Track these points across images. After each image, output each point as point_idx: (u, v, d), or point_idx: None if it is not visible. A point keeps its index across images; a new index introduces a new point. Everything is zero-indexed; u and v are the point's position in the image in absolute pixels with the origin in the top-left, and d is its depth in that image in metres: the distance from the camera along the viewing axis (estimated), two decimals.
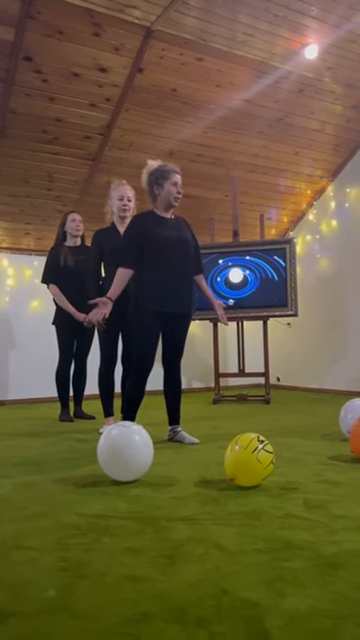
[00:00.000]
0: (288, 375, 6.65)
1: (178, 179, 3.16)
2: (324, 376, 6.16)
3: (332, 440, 3.13)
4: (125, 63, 4.27)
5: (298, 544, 1.45)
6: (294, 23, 4.12)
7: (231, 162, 5.52)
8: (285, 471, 2.31)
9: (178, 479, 2.25)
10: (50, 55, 4.05)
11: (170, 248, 3.10)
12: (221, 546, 1.46)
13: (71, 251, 4.38)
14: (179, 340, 3.26)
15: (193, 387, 6.63)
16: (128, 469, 2.16)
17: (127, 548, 1.47)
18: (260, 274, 5.44)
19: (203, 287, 3.40)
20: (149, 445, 2.22)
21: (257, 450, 2.03)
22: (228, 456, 2.09)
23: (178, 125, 4.93)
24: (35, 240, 5.71)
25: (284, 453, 2.73)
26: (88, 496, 2.02)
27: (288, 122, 5.27)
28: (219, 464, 2.48)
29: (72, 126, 4.62)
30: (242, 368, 5.65)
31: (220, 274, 5.54)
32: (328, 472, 2.31)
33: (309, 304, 6.04)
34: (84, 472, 2.44)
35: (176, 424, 3.29)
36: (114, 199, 3.68)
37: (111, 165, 5.07)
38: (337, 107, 5.26)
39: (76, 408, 4.52)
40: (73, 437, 3.48)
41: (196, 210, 5.92)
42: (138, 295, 3.13)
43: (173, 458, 2.71)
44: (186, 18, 3.99)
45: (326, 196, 6.22)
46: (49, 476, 2.38)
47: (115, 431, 2.21)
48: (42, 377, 5.25)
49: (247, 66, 4.57)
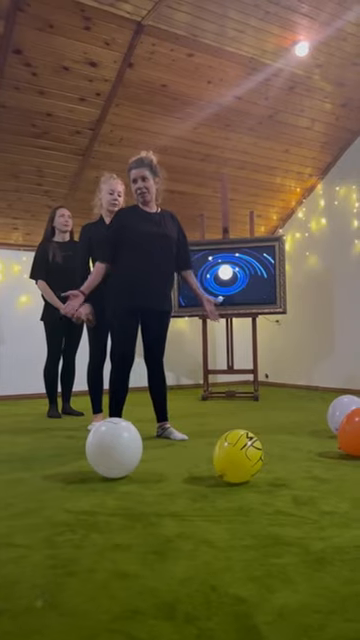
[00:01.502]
0: (276, 372, 6.67)
1: (137, 174, 3.07)
2: (312, 373, 6.19)
3: (320, 437, 3.15)
4: (115, 58, 4.24)
5: (287, 540, 1.46)
6: (284, 20, 4.12)
7: (221, 159, 5.51)
8: (274, 468, 2.32)
9: (167, 475, 2.25)
10: (40, 48, 4.01)
11: (150, 243, 3.07)
12: (210, 542, 1.47)
13: (60, 247, 4.36)
14: (159, 337, 3.23)
15: (182, 384, 6.64)
16: (117, 466, 2.16)
17: (116, 544, 1.47)
18: (249, 271, 5.45)
19: (191, 283, 3.35)
20: (138, 441, 2.22)
21: (246, 447, 2.03)
22: (217, 453, 2.09)
23: (168, 121, 4.91)
24: (24, 235, 5.67)
25: (273, 450, 2.75)
26: (77, 493, 2.02)
27: (278, 119, 5.27)
28: (208, 460, 2.49)
29: (62, 120, 4.59)
30: (231, 365, 5.66)
31: (210, 271, 5.54)
32: (316, 469, 2.32)
33: (298, 301, 6.07)
34: (73, 468, 2.43)
35: (164, 421, 3.29)
36: (104, 192, 3.64)
37: (101, 160, 5.04)
38: (327, 105, 5.27)
39: (64, 404, 4.50)
40: (61, 434, 3.47)
41: (186, 206, 5.91)
42: (115, 290, 3.11)
43: (162, 454, 2.71)
44: (177, 13, 3.97)
45: (315, 194, 6.24)
46: (37, 473, 2.37)
47: (104, 427, 2.21)
48: (30, 373, 5.22)
49: (238, 62, 4.57)
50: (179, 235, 3.23)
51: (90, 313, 3.61)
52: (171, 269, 3.23)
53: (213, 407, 4.82)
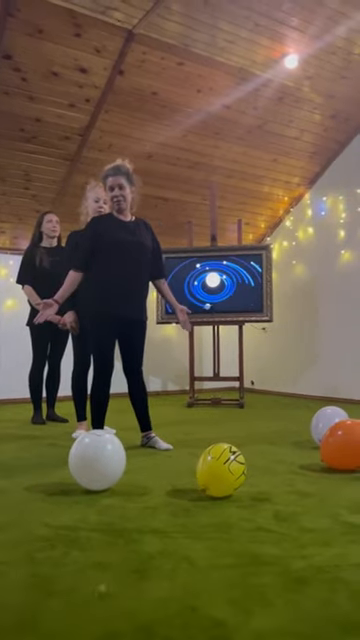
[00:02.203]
0: (262, 379, 6.70)
1: (113, 182, 3.07)
2: (297, 381, 6.23)
3: (303, 448, 3.16)
4: (106, 65, 4.25)
5: (267, 559, 1.47)
6: (274, 32, 4.15)
7: (210, 167, 5.53)
8: (256, 481, 2.33)
9: (150, 488, 2.25)
10: (30, 54, 4.00)
11: (125, 252, 3.06)
12: (191, 560, 1.47)
13: (47, 252, 4.34)
14: (137, 346, 3.21)
15: (168, 390, 6.63)
16: (99, 478, 2.15)
17: (97, 562, 1.46)
18: (237, 279, 5.48)
19: (165, 291, 3.36)
20: (121, 454, 2.21)
21: (229, 461, 2.04)
22: (200, 466, 2.10)
23: (158, 128, 4.92)
24: (11, 239, 5.64)
25: (256, 461, 2.75)
26: (58, 505, 2.01)
27: (267, 129, 5.31)
28: (191, 472, 2.48)
29: (51, 126, 4.57)
30: (217, 372, 5.68)
31: (197, 278, 5.55)
32: (299, 482, 2.34)
33: (284, 309, 6.11)
34: (55, 479, 2.42)
35: (148, 430, 3.28)
36: (90, 200, 3.64)
37: (89, 166, 5.02)
38: (316, 116, 5.32)
39: (49, 410, 4.48)
40: (45, 442, 3.45)
41: (174, 213, 5.93)
42: (91, 299, 3.10)
43: (145, 465, 2.71)
44: (168, 23, 3.98)
45: (303, 203, 6.29)
46: (19, 483, 2.35)
47: (87, 440, 2.20)
48: (15, 378, 5.18)
49: (227, 72, 4.59)
50: (153, 244, 3.24)
51: (74, 321, 3.61)
52: (146, 278, 3.23)
53: (198, 414, 4.83)
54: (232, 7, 3.84)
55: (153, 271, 3.27)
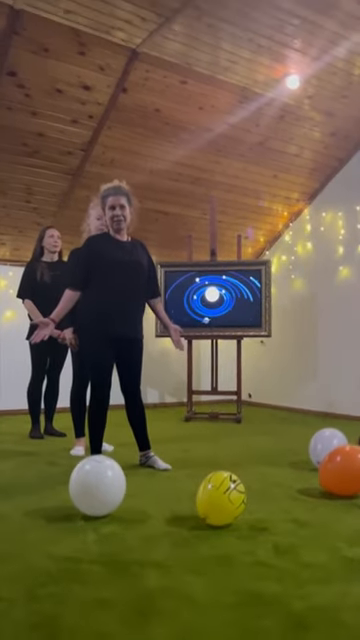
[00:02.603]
0: (259, 392, 6.72)
1: (116, 201, 3.07)
2: (294, 395, 6.24)
3: (301, 469, 3.18)
4: (109, 82, 4.28)
5: (267, 598, 1.48)
6: (277, 53, 4.19)
7: (211, 182, 5.56)
8: (254, 507, 2.34)
9: (149, 514, 2.26)
10: (34, 71, 4.03)
11: (122, 271, 3.08)
12: (191, 598, 1.48)
13: (48, 266, 4.35)
14: (134, 366, 3.22)
15: (166, 402, 6.64)
16: (100, 505, 2.16)
17: (99, 600, 1.47)
18: (236, 294, 5.51)
19: (159, 311, 3.39)
20: (121, 481, 2.22)
21: (229, 490, 2.05)
22: (200, 495, 2.11)
23: (160, 144, 4.95)
24: (11, 250, 5.65)
25: (254, 484, 2.76)
26: (59, 533, 2.01)
27: (268, 146, 5.35)
28: (190, 497, 2.49)
29: (53, 141, 4.60)
30: (215, 386, 5.69)
31: (197, 292, 5.58)
32: (297, 509, 2.35)
33: (282, 323, 6.12)
34: (55, 502, 2.43)
35: (147, 449, 3.29)
36: (92, 217, 3.64)
37: (91, 180, 5.03)
38: (316, 134, 5.36)
39: (47, 424, 4.48)
40: (43, 459, 3.45)
41: (174, 227, 5.96)
42: (88, 319, 3.11)
43: (144, 487, 2.71)
44: (171, 43, 4.02)
45: (302, 219, 6.33)
46: (19, 506, 2.36)
47: (88, 466, 2.21)
48: (13, 389, 5.19)
49: (230, 91, 4.63)
50: (148, 264, 3.26)
51: (73, 337, 3.62)
52: (142, 297, 3.25)
53: (196, 429, 4.84)
54: (235, 29, 3.88)
55: (148, 291, 3.30)
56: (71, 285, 3.09)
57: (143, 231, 5.13)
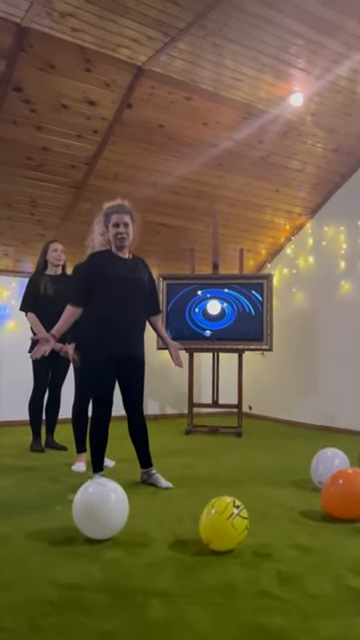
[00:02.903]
0: (260, 404, 6.72)
1: (120, 219, 3.09)
2: (295, 408, 6.24)
3: (303, 489, 3.17)
4: (114, 98, 4.31)
5: (273, 632, 1.48)
6: (281, 72, 4.22)
7: (214, 196, 5.59)
8: (257, 530, 2.33)
9: (152, 537, 2.25)
10: (40, 87, 4.06)
11: (123, 288, 3.09)
12: (197, 631, 1.48)
13: (51, 280, 4.36)
14: (136, 384, 3.22)
15: (166, 413, 6.63)
16: (102, 529, 2.16)
17: (103, 632, 1.47)
18: (237, 307, 5.52)
19: (158, 328, 3.40)
20: (124, 504, 2.22)
21: (232, 516, 2.05)
22: (204, 520, 2.11)
23: (163, 159, 4.98)
24: (14, 262, 5.66)
25: (256, 505, 2.76)
26: (62, 558, 2.01)
27: (271, 161, 5.38)
28: (192, 518, 2.50)
29: (58, 155, 4.62)
30: (216, 399, 5.69)
31: (198, 305, 5.59)
32: (300, 533, 2.35)
33: (283, 336, 6.12)
34: (57, 523, 2.42)
35: (149, 466, 3.29)
36: (96, 233, 3.65)
37: (95, 193, 5.07)
38: (318, 149, 5.39)
39: (48, 437, 4.48)
40: (44, 475, 3.44)
41: (177, 239, 5.98)
42: (88, 336, 3.12)
43: (146, 508, 2.71)
44: (177, 60, 4.05)
45: (304, 232, 6.35)
46: (20, 527, 2.36)
47: (91, 489, 2.21)
48: (15, 400, 5.17)
49: (234, 107, 4.66)
50: (149, 281, 3.28)
51: (76, 353, 3.62)
52: (144, 315, 3.26)
53: (196, 443, 4.83)
54: (240, 48, 3.91)
55: (148, 308, 3.30)
56: (73, 301, 3.10)
57: (146, 243, 5.17)
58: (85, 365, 3.28)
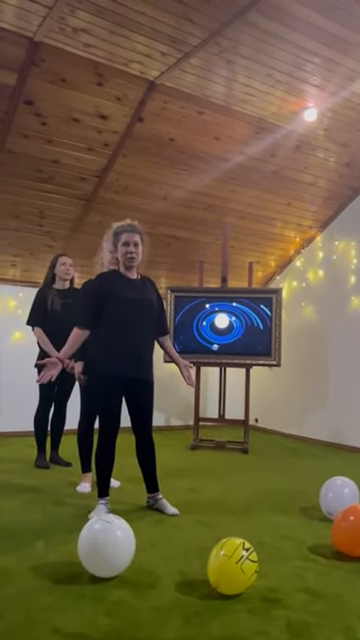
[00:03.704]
0: (266, 417, 6.65)
1: (131, 238, 3.04)
2: (303, 423, 6.18)
3: (312, 518, 3.11)
4: (126, 112, 4.26)
5: None
6: (295, 88, 4.16)
7: (224, 209, 5.54)
8: (266, 569, 2.27)
9: (158, 576, 2.20)
10: (51, 100, 4.02)
11: (132, 310, 3.04)
12: None
13: (59, 294, 4.32)
14: (145, 406, 3.17)
15: (172, 425, 6.59)
16: (108, 567, 2.11)
17: None
18: (246, 321, 5.46)
19: (168, 348, 3.35)
20: (130, 541, 2.18)
21: (241, 560, 2.00)
22: (212, 562, 2.06)
23: (174, 172, 4.93)
24: (21, 272, 5.63)
25: (264, 538, 2.71)
26: (66, 600, 1.96)
27: (282, 175, 5.31)
28: (199, 553, 2.45)
29: (68, 167, 4.58)
30: (222, 414, 5.64)
31: (206, 318, 5.54)
32: (309, 573, 2.29)
33: (292, 349, 6.06)
34: (61, 555, 2.38)
35: (156, 491, 3.24)
36: (105, 251, 3.59)
37: (105, 206, 5.04)
38: (331, 163, 5.33)
39: (52, 453, 4.44)
40: (49, 497, 3.39)
41: (186, 252, 5.93)
42: (95, 358, 3.07)
43: (153, 539, 2.65)
44: (189, 76, 4.00)
45: (315, 245, 6.28)
46: (24, 560, 2.32)
47: (97, 526, 2.16)
48: (21, 411, 5.14)
49: (246, 122, 4.61)
50: (158, 302, 3.23)
51: (82, 372, 3.58)
52: (153, 336, 3.21)
53: (202, 461, 4.78)
54: (254, 65, 3.85)
55: (156, 328, 3.25)
56: (80, 323, 3.05)
57: (155, 255, 5.13)
58: (92, 387, 3.23)
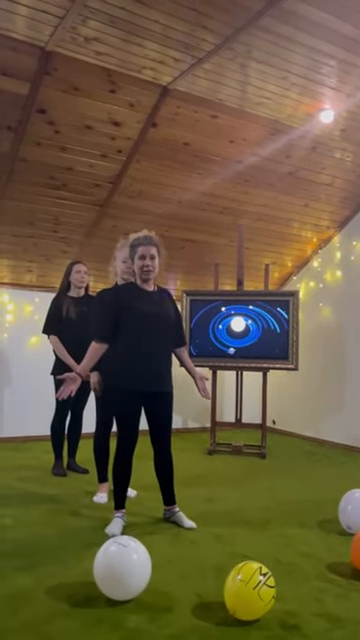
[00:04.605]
0: (283, 419, 6.61)
1: (147, 251, 3.01)
2: (320, 426, 6.12)
3: (330, 532, 3.07)
4: (139, 118, 4.22)
5: None
6: (311, 91, 4.08)
7: (239, 211, 5.48)
8: (284, 591, 2.25)
9: (174, 598, 2.19)
10: (64, 108, 3.99)
11: (149, 323, 3.01)
12: None
13: (74, 302, 4.32)
14: (163, 419, 3.14)
15: (188, 427, 6.58)
16: (124, 590, 2.11)
17: None
18: (262, 325, 5.41)
19: (185, 360, 3.33)
20: (147, 565, 2.16)
21: (259, 585, 1.97)
22: (229, 587, 2.04)
23: (189, 176, 4.88)
24: (37, 277, 5.65)
25: (282, 555, 2.68)
26: (83, 625, 1.96)
27: (299, 176, 5.23)
28: (216, 572, 2.44)
29: (82, 174, 4.56)
30: (239, 418, 5.60)
31: (222, 322, 5.50)
32: (328, 595, 2.26)
33: (309, 351, 5.99)
34: (78, 575, 2.37)
35: (172, 504, 3.22)
36: (118, 260, 3.58)
37: (119, 210, 5.02)
38: (348, 164, 5.23)
39: (69, 460, 4.46)
40: (66, 507, 3.41)
41: (201, 254, 5.89)
42: (115, 372, 3.05)
43: (169, 556, 2.64)
44: (202, 80, 3.94)
45: (332, 246, 6.19)
46: (41, 579, 2.32)
47: (113, 548, 2.15)
48: (37, 415, 5.18)
49: (261, 124, 4.53)
50: (175, 314, 3.21)
51: (98, 382, 3.57)
52: (170, 348, 3.19)
53: (219, 466, 4.76)
54: (269, 69, 3.78)
55: (174, 340, 3.23)
56: (98, 337, 3.04)
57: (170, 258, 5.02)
58: (110, 401, 3.22)
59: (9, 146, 4.15)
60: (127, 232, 3.85)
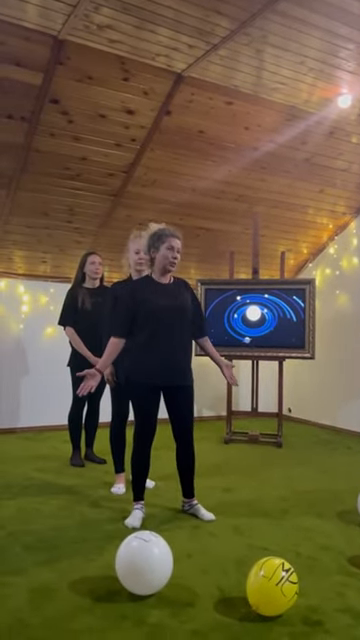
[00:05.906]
0: (300, 407, 6.58)
1: (176, 244, 2.99)
2: (337, 413, 6.09)
3: (349, 523, 3.07)
4: (153, 106, 4.16)
5: None
6: (328, 75, 3.98)
7: (254, 198, 5.41)
8: (306, 585, 2.24)
9: (196, 593, 2.19)
10: (78, 98, 3.95)
11: (168, 317, 2.99)
12: None
13: (89, 293, 4.32)
14: (184, 412, 3.13)
15: (203, 416, 6.58)
16: (146, 585, 2.12)
17: None
18: (278, 313, 5.36)
19: (209, 349, 3.29)
20: (168, 560, 2.17)
21: (282, 581, 1.97)
22: (251, 583, 2.03)
23: (204, 164, 4.82)
24: (52, 267, 5.65)
25: (303, 549, 2.68)
26: (105, 621, 1.97)
27: (314, 162, 5.14)
28: (237, 565, 2.45)
29: (96, 164, 4.53)
30: (255, 407, 5.59)
31: (237, 311, 5.46)
32: (350, 590, 2.25)
33: (326, 338, 5.94)
34: (99, 569, 2.39)
35: (191, 497, 3.23)
36: (131, 252, 3.57)
37: (133, 200, 4.99)
38: None
39: (87, 450, 4.50)
40: (85, 499, 3.43)
41: (216, 242, 5.84)
42: (133, 367, 3.04)
43: (188, 549, 2.65)
44: (217, 67, 3.87)
45: (348, 232, 6.10)
46: (64, 573, 2.34)
47: (135, 543, 2.16)
48: (54, 405, 5.22)
49: (277, 110, 4.45)
50: (193, 304, 3.18)
51: (110, 373, 3.57)
52: (189, 341, 3.16)
53: (236, 456, 4.77)
54: (285, 54, 3.69)
55: (195, 331, 3.21)
56: (115, 333, 3.02)
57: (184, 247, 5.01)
58: (129, 395, 3.22)
59: (23, 137, 4.12)
60: (141, 222, 3.86)
